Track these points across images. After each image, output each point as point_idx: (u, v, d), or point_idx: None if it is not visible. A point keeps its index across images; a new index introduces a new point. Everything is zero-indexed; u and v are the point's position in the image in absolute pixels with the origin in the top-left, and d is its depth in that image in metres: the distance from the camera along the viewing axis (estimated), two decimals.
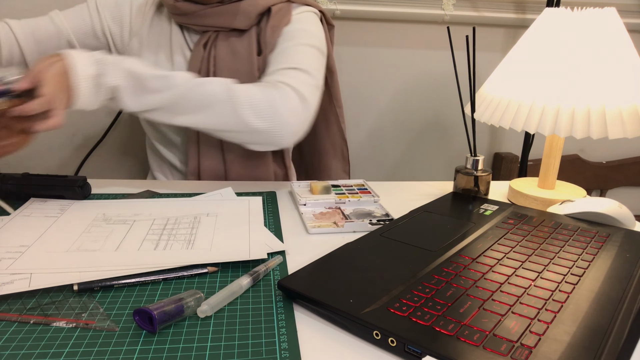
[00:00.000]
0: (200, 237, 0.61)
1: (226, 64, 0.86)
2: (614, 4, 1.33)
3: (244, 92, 0.72)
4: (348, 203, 0.74)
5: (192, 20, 0.86)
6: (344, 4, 1.25)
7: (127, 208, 0.69)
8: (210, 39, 0.87)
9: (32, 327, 0.44)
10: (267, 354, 0.41)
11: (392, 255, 0.55)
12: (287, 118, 0.72)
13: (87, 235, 0.60)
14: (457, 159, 1.50)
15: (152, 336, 0.43)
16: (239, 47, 0.87)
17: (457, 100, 1.41)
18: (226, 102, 0.71)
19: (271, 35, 0.85)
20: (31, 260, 0.53)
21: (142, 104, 0.70)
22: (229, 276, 0.53)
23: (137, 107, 0.70)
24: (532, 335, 0.40)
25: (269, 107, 0.71)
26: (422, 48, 1.37)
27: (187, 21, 0.86)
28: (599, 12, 0.71)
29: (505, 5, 1.33)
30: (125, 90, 0.69)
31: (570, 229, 0.64)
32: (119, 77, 0.68)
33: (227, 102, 0.71)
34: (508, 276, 0.50)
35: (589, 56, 0.70)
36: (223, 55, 0.86)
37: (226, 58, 0.86)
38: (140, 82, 0.69)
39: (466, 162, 0.77)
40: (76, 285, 0.49)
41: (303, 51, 0.83)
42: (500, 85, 0.77)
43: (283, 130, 0.73)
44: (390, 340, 0.41)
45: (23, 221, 0.64)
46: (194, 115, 0.71)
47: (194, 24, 0.86)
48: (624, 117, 0.69)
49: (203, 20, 0.85)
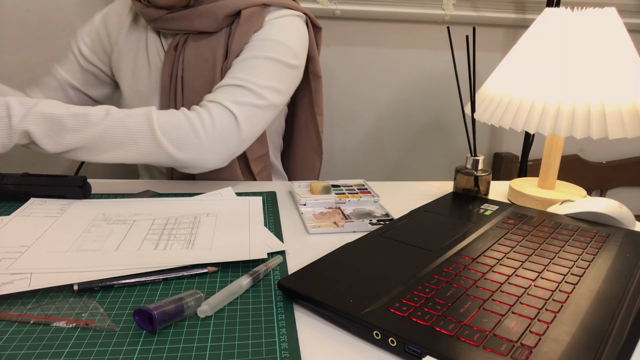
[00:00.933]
0: (201, 237, 0.61)
1: (192, 67, 0.86)
2: (614, 4, 1.33)
3: (164, 124, 0.69)
4: (348, 203, 0.74)
5: (162, 25, 0.87)
6: (344, 4, 1.25)
7: (127, 208, 0.69)
8: (180, 41, 0.87)
9: (32, 327, 0.44)
10: (267, 354, 0.41)
11: (392, 255, 0.55)
12: (212, 146, 0.71)
13: (87, 235, 0.60)
14: (457, 159, 1.50)
15: (152, 336, 0.43)
16: (205, 51, 0.86)
17: (457, 100, 1.41)
18: (147, 136, 0.68)
19: (238, 42, 0.82)
20: (31, 260, 0.53)
21: (61, 145, 0.67)
22: (229, 276, 0.53)
23: (56, 149, 0.67)
24: (532, 335, 0.40)
25: (191, 138, 0.70)
26: (422, 48, 1.37)
27: (158, 25, 0.87)
28: (599, 12, 0.71)
29: (505, 5, 1.33)
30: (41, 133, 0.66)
31: (570, 229, 0.64)
32: (32, 122, 0.65)
33: (148, 137, 0.68)
34: (508, 276, 0.50)
35: (589, 56, 0.70)
36: (190, 59, 0.87)
37: (193, 62, 0.86)
38: (56, 124, 0.66)
39: (466, 162, 0.77)
40: (76, 285, 0.49)
41: (259, 65, 0.79)
42: (500, 85, 0.77)
43: (209, 158, 0.72)
44: (390, 340, 0.41)
45: (23, 221, 0.64)
46: (117, 152, 0.68)
47: (164, 27, 0.87)
48: (624, 117, 0.69)
49: (171, 24, 0.86)
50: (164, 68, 0.88)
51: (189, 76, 0.86)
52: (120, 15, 0.94)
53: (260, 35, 0.83)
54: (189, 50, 0.87)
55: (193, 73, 0.86)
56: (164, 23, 0.86)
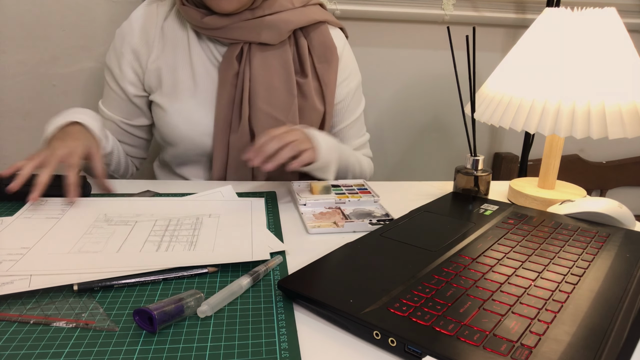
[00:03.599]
0: (202, 238, 0.61)
1: (263, 78, 0.85)
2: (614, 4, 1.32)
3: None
4: (348, 203, 0.74)
5: (222, 34, 0.83)
6: (344, 4, 1.25)
7: (128, 208, 0.69)
8: (244, 51, 0.85)
9: (32, 327, 0.44)
10: (267, 354, 0.41)
11: (392, 255, 0.55)
12: None
13: (89, 237, 0.60)
14: (457, 159, 1.50)
15: (152, 336, 0.43)
16: (274, 62, 0.86)
17: (457, 100, 1.40)
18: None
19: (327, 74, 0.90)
20: (32, 262, 0.53)
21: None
22: (229, 276, 0.53)
23: None
24: (532, 335, 0.40)
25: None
26: (422, 48, 1.37)
27: (218, 34, 0.84)
28: (599, 12, 0.71)
29: (505, 5, 1.33)
30: None
31: (570, 229, 0.63)
32: None
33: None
34: (508, 276, 0.50)
35: (589, 56, 0.70)
36: (258, 70, 0.85)
37: (263, 73, 0.85)
38: None
39: (466, 162, 0.77)
40: (76, 285, 0.49)
41: (362, 117, 1.01)
42: (500, 85, 0.77)
43: None
44: (390, 340, 0.41)
45: (24, 223, 0.63)
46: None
47: (225, 37, 0.84)
48: (624, 117, 0.69)
49: (234, 33, 0.83)
50: (225, 79, 0.84)
51: (260, 87, 0.84)
52: (146, 33, 0.87)
53: (350, 84, 0.96)
54: (256, 61, 0.85)
55: (266, 84, 0.85)
56: (227, 32, 0.83)
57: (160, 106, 0.87)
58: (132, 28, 0.88)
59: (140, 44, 0.87)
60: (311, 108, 0.89)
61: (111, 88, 0.90)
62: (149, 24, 0.87)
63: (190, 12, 0.82)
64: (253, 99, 0.84)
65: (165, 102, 0.86)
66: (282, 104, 0.86)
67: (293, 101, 0.86)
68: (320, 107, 0.90)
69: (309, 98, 0.88)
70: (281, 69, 0.86)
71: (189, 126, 0.86)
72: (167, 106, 0.86)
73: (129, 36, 0.87)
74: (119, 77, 0.89)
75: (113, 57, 0.89)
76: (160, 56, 0.87)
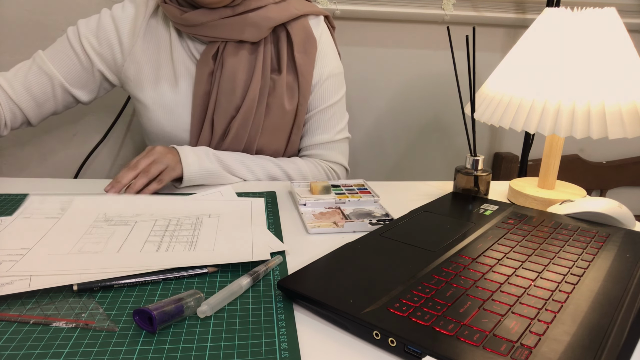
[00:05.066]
0: (203, 238, 0.61)
1: (231, 76, 0.85)
2: (614, 4, 1.33)
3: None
4: (348, 203, 0.74)
5: (202, 31, 0.84)
6: (344, 4, 1.25)
7: (127, 208, 0.69)
8: (220, 49, 0.85)
9: (32, 327, 0.44)
10: (267, 354, 0.41)
11: (392, 255, 0.55)
12: None
13: (89, 237, 0.60)
14: (457, 159, 1.50)
15: (152, 336, 0.43)
16: (247, 61, 0.86)
17: (457, 100, 1.41)
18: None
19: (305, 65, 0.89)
20: (32, 262, 0.53)
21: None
22: (229, 276, 0.53)
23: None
24: (532, 335, 0.40)
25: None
26: (422, 48, 1.37)
27: (197, 32, 0.84)
28: (599, 12, 0.71)
29: (505, 5, 1.33)
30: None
31: (570, 229, 0.63)
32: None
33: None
34: (508, 276, 0.50)
35: (589, 56, 0.70)
36: (230, 68, 0.85)
37: (233, 71, 0.85)
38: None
39: (466, 162, 0.77)
40: (76, 285, 0.49)
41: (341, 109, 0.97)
42: (500, 85, 0.77)
43: None
44: (390, 341, 0.41)
45: (24, 223, 0.63)
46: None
47: (204, 34, 0.84)
48: (624, 117, 0.69)
49: (215, 31, 0.83)
50: (200, 77, 0.85)
51: (227, 85, 0.85)
52: (134, 22, 0.88)
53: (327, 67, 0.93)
54: (229, 59, 0.85)
55: (231, 82, 0.85)
56: (207, 30, 0.83)
57: (142, 102, 0.90)
58: (124, 13, 0.89)
59: (127, 30, 0.88)
60: (279, 106, 0.89)
61: (73, 49, 0.87)
62: (139, 14, 0.89)
63: (171, 9, 0.84)
64: (219, 97, 0.86)
65: (147, 99, 0.89)
66: (241, 102, 0.87)
67: (254, 100, 0.86)
68: (289, 106, 0.89)
69: (278, 96, 0.88)
70: (252, 67, 0.86)
71: (169, 122, 0.89)
72: (149, 102, 0.89)
73: (118, 19, 0.88)
74: (92, 46, 0.88)
75: (92, 26, 0.88)
76: (144, 50, 0.88)
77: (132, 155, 1.34)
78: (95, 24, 0.88)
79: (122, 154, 1.34)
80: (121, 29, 0.88)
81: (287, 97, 0.89)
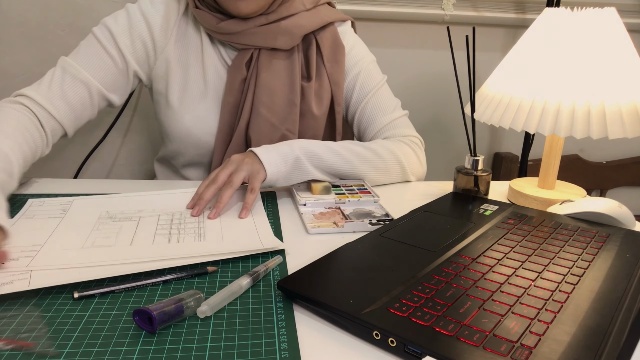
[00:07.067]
0: (209, 230, 0.62)
1: (268, 85, 0.84)
2: (614, 4, 1.32)
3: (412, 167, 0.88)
4: (348, 203, 0.74)
5: (236, 39, 0.83)
6: (345, 4, 1.25)
7: (128, 204, 0.69)
8: (254, 57, 0.84)
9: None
10: (267, 354, 0.41)
11: (392, 255, 0.55)
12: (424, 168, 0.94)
13: (98, 233, 0.60)
14: (457, 159, 1.50)
15: (152, 336, 0.43)
16: (281, 68, 0.86)
17: (457, 100, 1.41)
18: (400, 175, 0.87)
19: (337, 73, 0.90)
20: (47, 257, 0.53)
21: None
22: (229, 276, 0.53)
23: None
24: (532, 335, 0.40)
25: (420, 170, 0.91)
26: (422, 48, 1.37)
27: (231, 39, 0.83)
28: (599, 12, 0.71)
29: (505, 5, 1.33)
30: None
31: (570, 229, 0.63)
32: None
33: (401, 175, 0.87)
34: (508, 276, 0.50)
35: (589, 56, 0.70)
36: (265, 77, 0.84)
37: (269, 79, 0.84)
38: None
39: (466, 162, 0.77)
40: (76, 292, 0.48)
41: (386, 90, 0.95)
42: (500, 85, 0.77)
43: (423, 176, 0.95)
44: (390, 341, 0.41)
45: (28, 223, 0.63)
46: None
47: (238, 42, 0.83)
48: (624, 117, 0.69)
49: (249, 39, 0.83)
50: (232, 84, 0.84)
51: (264, 93, 0.84)
52: (167, 19, 0.84)
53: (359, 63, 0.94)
54: (263, 67, 0.84)
55: (269, 91, 0.84)
56: (241, 37, 0.82)
57: (169, 103, 0.86)
58: (154, 8, 0.84)
59: (158, 27, 0.84)
60: (309, 112, 0.88)
61: (106, 51, 0.81)
62: (171, 12, 0.85)
63: (205, 16, 0.82)
64: (255, 104, 0.84)
65: (174, 100, 0.85)
66: (281, 111, 0.86)
67: (293, 109, 0.86)
68: (317, 111, 0.89)
69: (307, 102, 0.88)
70: (287, 75, 0.86)
71: (194, 123, 0.85)
72: (176, 103, 0.85)
73: (148, 15, 0.83)
74: (126, 45, 0.82)
75: (122, 25, 0.82)
76: (174, 49, 0.86)
77: (132, 155, 1.34)
78: (125, 21, 0.83)
79: (122, 154, 1.33)
80: (153, 25, 0.84)
81: (315, 103, 0.89)
